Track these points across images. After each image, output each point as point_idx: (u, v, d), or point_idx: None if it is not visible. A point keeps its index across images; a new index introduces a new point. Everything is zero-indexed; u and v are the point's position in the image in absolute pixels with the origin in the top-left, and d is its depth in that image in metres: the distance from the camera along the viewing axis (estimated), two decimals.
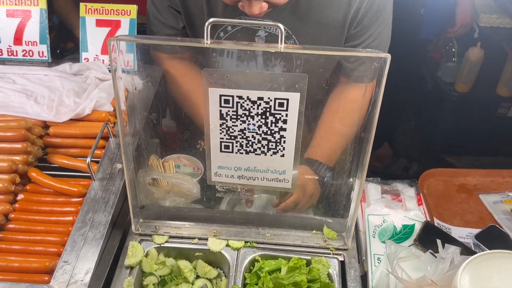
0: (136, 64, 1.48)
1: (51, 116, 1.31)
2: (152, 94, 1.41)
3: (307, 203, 1.33)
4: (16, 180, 1.20)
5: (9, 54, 1.51)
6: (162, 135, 1.47)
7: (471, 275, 0.63)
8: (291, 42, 1.35)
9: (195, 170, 1.51)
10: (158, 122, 1.37)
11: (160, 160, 1.47)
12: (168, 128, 1.48)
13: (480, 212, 1.52)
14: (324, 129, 1.33)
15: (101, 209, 1.14)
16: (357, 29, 1.35)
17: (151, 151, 1.47)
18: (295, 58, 1.32)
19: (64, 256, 1.03)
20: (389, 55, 0.92)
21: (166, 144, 1.49)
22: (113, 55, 0.98)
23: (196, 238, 1.23)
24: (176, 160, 1.54)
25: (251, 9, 1.07)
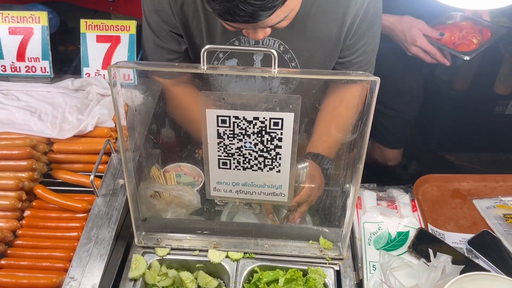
0: (136, 78, 1.51)
1: (54, 133, 1.35)
2: (152, 108, 1.45)
3: (316, 194, 1.37)
4: (23, 197, 1.24)
5: (12, 71, 1.56)
6: (162, 145, 1.51)
7: None
8: (289, 56, 1.39)
9: (195, 179, 1.55)
10: (158, 133, 1.40)
11: (161, 171, 1.51)
12: (168, 139, 1.51)
13: (473, 217, 1.56)
14: (324, 124, 1.36)
15: (105, 225, 1.19)
16: (352, 40, 1.38)
17: (152, 162, 1.51)
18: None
19: (70, 273, 1.08)
20: (378, 78, 0.95)
21: (166, 154, 1.53)
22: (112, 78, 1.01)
23: (197, 250, 1.28)
24: (176, 169, 1.58)
25: (256, 36, 1.11)
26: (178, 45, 1.42)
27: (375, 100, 0.99)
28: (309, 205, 1.34)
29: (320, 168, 1.36)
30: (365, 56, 1.41)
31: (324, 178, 1.36)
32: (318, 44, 1.37)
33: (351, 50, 1.40)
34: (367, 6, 1.31)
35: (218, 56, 1.38)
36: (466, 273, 0.69)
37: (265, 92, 1.40)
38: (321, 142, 1.38)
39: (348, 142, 1.16)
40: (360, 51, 1.40)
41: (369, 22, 1.36)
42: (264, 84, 1.37)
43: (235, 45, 1.31)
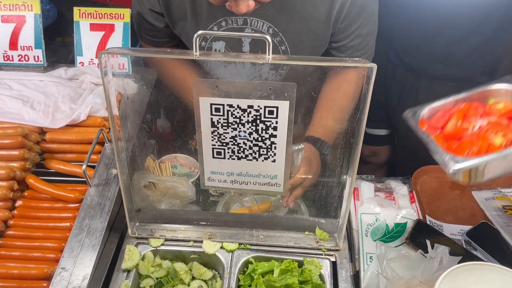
0: (130, 67, 1.49)
1: (47, 122, 1.33)
2: (147, 97, 1.43)
3: (312, 178, 1.35)
4: (14, 187, 1.23)
5: (5, 59, 1.53)
6: (158, 136, 1.49)
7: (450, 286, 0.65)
8: (278, 39, 1.36)
9: (191, 170, 1.53)
10: (153, 123, 1.38)
11: (157, 161, 1.50)
12: (163, 129, 1.49)
13: (472, 209, 1.54)
14: (324, 109, 1.34)
15: (97, 215, 1.17)
16: (344, 23, 1.36)
17: (147, 153, 1.49)
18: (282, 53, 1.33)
19: (61, 263, 1.07)
20: (375, 65, 0.93)
21: (161, 144, 1.51)
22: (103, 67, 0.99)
23: (191, 241, 1.26)
24: (172, 160, 1.56)
25: (238, 8, 1.08)
26: (157, 22, 1.42)
27: (371, 87, 0.96)
28: (304, 190, 1.31)
29: (318, 154, 1.34)
30: (360, 39, 1.39)
31: (323, 165, 1.34)
32: (307, 26, 1.34)
33: (344, 33, 1.37)
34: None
35: (205, 37, 1.36)
36: (461, 263, 0.68)
37: (255, 78, 1.37)
38: (321, 126, 1.36)
39: (345, 131, 1.14)
40: (354, 35, 1.37)
41: (361, 4, 1.33)
42: (253, 70, 1.35)
43: (222, 25, 1.28)
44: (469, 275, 0.66)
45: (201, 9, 1.31)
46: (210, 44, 1.39)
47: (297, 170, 1.28)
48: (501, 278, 0.65)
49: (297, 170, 1.28)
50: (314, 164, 1.34)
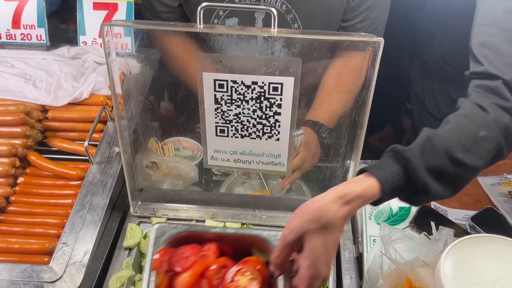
0: (134, 47, 1.48)
1: (49, 100, 1.32)
2: (150, 77, 1.41)
3: (311, 162, 1.34)
4: (16, 164, 1.22)
5: (7, 38, 1.52)
6: (161, 118, 1.48)
7: (455, 258, 0.64)
8: (291, 16, 1.34)
9: (194, 153, 1.52)
10: (156, 105, 1.37)
11: (160, 143, 1.49)
12: (166, 111, 1.48)
13: (477, 194, 1.52)
14: (325, 92, 1.32)
15: (99, 192, 1.16)
16: (356, 1, 1.34)
17: (150, 134, 1.48)
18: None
19: (63, 238, 1.06)
20: (382, 39, 0.91)
21: (165, 127, 1.50)
22: (107, 40, 0.98)
23: (194, 220, 1.25)
24: (175, 143, 1.55)
25: None
26: (172, 1, 1.38)
27: (378, 63, 0.95)
28: (302, 173, 1.30)
29: (317, 136, 1.32)
30: (369, 22, 1.37)
31: (322, 147, 1.33)
32: (321, 4, 1.32)
33: (354, 13, 1.35)
34: None
35: (218, 14, 1.34)
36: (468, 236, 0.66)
37: (267, 56, 1.35)
38: (322, 110, 1.34)
39: (351, 110, 1.12)
40: (363, 16, 1.35)
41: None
42: (266, 47, 1.33)
43: (235, 2, 1.26)
44: (475, 247, 0.65)
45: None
46: (223, 21, 1.36)
47: (295, 154, 1.27)
48: (508, 250, 0.64)
49: (295, 154, 1.27)
50: (313, 148, 1.32)
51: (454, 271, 0.62)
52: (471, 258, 0.63)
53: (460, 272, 0.62)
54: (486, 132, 0.87)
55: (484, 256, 0.64)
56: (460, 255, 0.64)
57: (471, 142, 0.87)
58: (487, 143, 0.87)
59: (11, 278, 0.98)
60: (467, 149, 0.86)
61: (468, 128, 0.88)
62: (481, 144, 0.87)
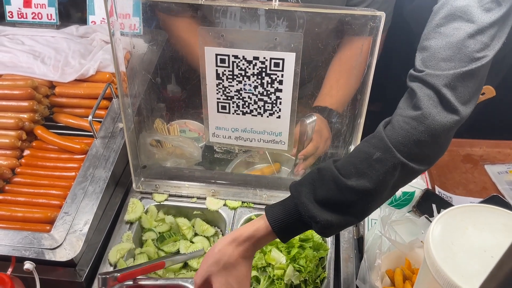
0: (142, 27, 1.49)
1: (57, 76, 1.34)
2: (157, 57, 1.42)
3: (323, 147, 1.33)
4: (23, 137, 1.24)
5: (19, 17, 1.55)
6: (168, 100, 1.49)
7: (444, 226, 0.63)
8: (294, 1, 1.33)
9: (200, 135, 1.53)
10: (163, 87, 1.38)
11: (165, 124, 1.50)
12: (173, 94, 1.49)
13: (484, 182, 1.50)
14: (334, 78, 1.32)
15: (102, 165, 1.18)
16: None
17: (156, 114, 1.49)
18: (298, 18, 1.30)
19: (64, 208, 1.08)
20: (383, 13, 0.90)
21: (172, 109, 1.51)
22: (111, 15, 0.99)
23: (195, 197, 1.26)
24: (182, 125, 1.56)
25: None
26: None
27: (379, 38, 0.94)
28: (316, 159, 1.30)
29: (327, 122, 1.32)
30: (376, 5, 1.35)
31: (332, 131, 1.32)
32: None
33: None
34: None
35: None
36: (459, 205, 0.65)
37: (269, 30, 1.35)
38: (330, 96, 1.34)
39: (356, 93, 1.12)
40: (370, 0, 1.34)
41: None
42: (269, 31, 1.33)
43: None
44: (466, 216, 0.64)
45: None
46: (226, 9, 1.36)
47: (309, 141, 1.27)
48: (501, 220, 0.63)
49: (309, 141, 1.27)
50: (325, 133, 1.32)
51: (443, 238, 0.61)
52: (461, 227, 0.63)
53: (450, 239, 0.62)
54: (380, 153, 0.81)
55: (474, 225, 0.63)
56: (450, 223, 0.64)
57: (365, 165, 0.82)
58: (381, 165, 0.81)
59: (13, 244, 1.00)
60: (361, 174, 0.82)
61: (364, 151, 0.85)
62: (375, 167, 0.82)
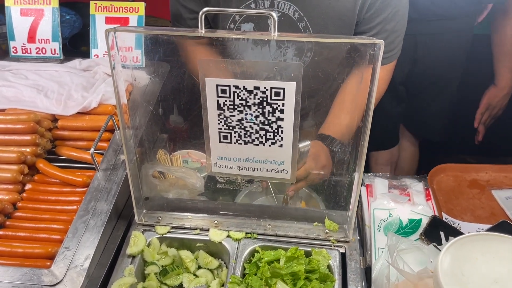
0: (144, 59, 1.51)
1: (59, 109, 1.35)
2: (159, 89, 1.44)
3: (319, 174, 1.33)
4: (25, 171, 1.24)
5: (23, 52, 1.57)
6: (170, 131, 1.49)
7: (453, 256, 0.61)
8: (303, 24, 1.35)
9: (203, 165, 1.52)
10: (165, 118, 1.38)
11: (168, 155, 1.49)
12: (176, 124, 1.49)
13: (492, 208, 1.48)
14: (338, 107, 1.32)
15: (104, 198, 1.17)
16: (369, 12, 1.35)
17: (159, 145, 1.49)
18: (306, 42, 1.32)
19: (65, 243, 1.06)
20: (382, 41, 0.91)
21: (175, 140, 1.51)
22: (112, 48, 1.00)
23: (198, 229, 1.24)
24: (184, 155, 1.56)
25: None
26: (197, 6, 1.42)
27: (378, 66, 0.94)
28: (308, 183, 1.29)
29: (328, 150, 1.31)
30: (385, 34, 1.37)
31: (334, 160, 1.31)
32: (333, 12, 1.33)
33: (369, 24, 1.36)
34: None
35: (234, 19, 1.36)
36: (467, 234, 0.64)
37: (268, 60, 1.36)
38: (334, 125, 1.34)
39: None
40: (379, 28, 1.35)
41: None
42: (278, 53, 1.34)
43: (251, 7, 1.28)
44: (475, 245, 0.62)
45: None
46: (239, 25, 1.38)
47: (302, 164, 1.26)
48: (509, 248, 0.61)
49: (302, 163, 1.26)
50: (322, 160, 1.31)
51: (452, 268, 0.59)
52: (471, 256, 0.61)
53: (459, 270, 0.59)
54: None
55: (484, 255, 0.61)
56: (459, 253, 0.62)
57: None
58: None
59: (13, 281, 0.98)
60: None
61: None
62: None
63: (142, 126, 1.28)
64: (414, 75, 2.09)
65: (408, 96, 2.21)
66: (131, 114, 1.19)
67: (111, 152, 1.29)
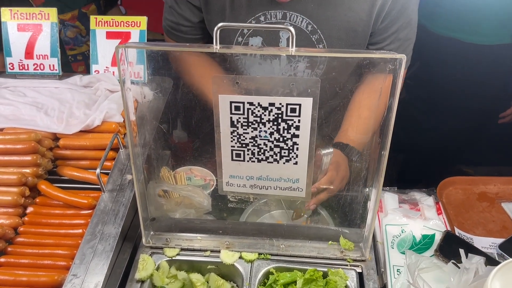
0: (146, 75, 1.47)
1: (61, 128, 1.30)
2: (162, 105, 1.40)
3: (339, 185, 1.28)
4: (26, 193, 1.18)
5: (20, 68, 1.52)
6: (173, 146, 1.45)
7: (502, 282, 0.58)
8: (316, 37, 1.33)
9: (206, 182, 1.48)
10: (169, 133, 1.34)
11: (172, 172, 1.45)
12: (179, 139, 1.46)
13: (503, 221, 1.46)
14: (354, 115, 1.29)
15: (111, 221, 1.12)
16: (384, 23, 1.33)
17: (162, 162, 1.44)
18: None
19: (73, 270, 1.01)
20: (404, 56, 0.88)
21: (177, 155, 1.47)
22: (121, 64, 0.97)
23: (208, 251, 1.20)
24: (187, 172, 1.52)
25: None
26: (192, 16, 1.40)
27: (400, 80, 0.92)
28: (329, 195, 1.25)
29: (347, 159, 1.28)
30: (398, 43, 1.35)
31: (352, 171, 1.28)
32: (347, 23, 1.31)
33: (383, 35, 1.34)
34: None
35: (242, 32, 1.33)
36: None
37: (285, 76, 1.33)
38: (351, 132, 1.30)
39: (373, 134, 1.08)
40: (393, 37, 1.34)
41: (402, 4, 1.30)
42: (288, 68, 1.31)
43: (261, 20, 1.25)
44: None
45: (240, 3, 1.29)
46: (247, 39, 1.35)
47: (323, 174, 1.22)
48: None
49: (323, 173, 1.22)
50: (342, 170, 1.27)
51: None
52: None
53: None
54: None
55: None
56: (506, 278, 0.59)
57: None
58: None
59: None
60: None
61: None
62: None
63: (149, 144, 1.23)
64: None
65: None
66: (138, 131, 1.15)
67: (116, 171, 1.25)
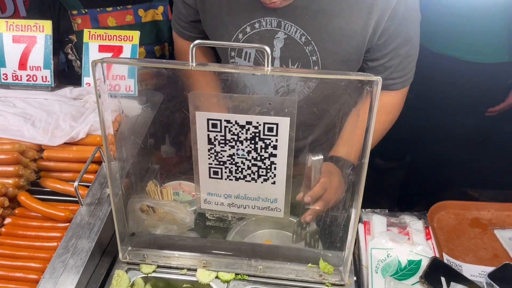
0: (137, 89, 1.48)
1: (46, 139, 1.30)
2: (150, 119, 1.40)
3: (334, 195, 1.24)
4: (5, 204, 1.18)
5: (13, 79, 1.54)
6: (162, 161, 1.44)
7: None
8: (310, 49, 1.32)
9: (194, 198, 1.47)
10: (156, 148, 1.34)
11: (159, 187, 1.44)
12: (167, 155, 1.45)
13: (494, 249, 1.41)
14: (350, 130, 1.27)
15: (85, 235, 1.10)
16: (382, 39, 1.31)
17: (150, 177, 1.44)
18: (313, 64, 1.28)
19: (41, 284, 0.99)
20: (380, 78, 0.87)
21: (166, 170, 1.46)
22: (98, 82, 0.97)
23: (185, 269, 1.18)
24: (176, 187, 1.51)
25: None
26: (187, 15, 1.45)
27: (376, 103, 0.90)
28: (326, 207, 1.21)
29: (340, 171, 1.26)
30: (398, 59, 1.33)
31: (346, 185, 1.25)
32: (341, 36, 1.30)
33: (383, 51, 1.32)
34: (397, 2, 1.24)
35: (237, 38, 1.34)
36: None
37: (283, 88, 1.32)
38: (345, 147, 1.29)
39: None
40: (392, 54, 1.32)
41: (400, 20, 1.28)
42: (282, 79, 1.30)
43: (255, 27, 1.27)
44: None
45: (237, 8, 1.30)
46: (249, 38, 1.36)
47: (316, 181, 1.19)
48: None
49: (316, 181, 1.19)
50: (335, 179, 1.24)
51: None
52: None
53: None
54: None
55: None
56: None
57: None
58: None
59: None
60: None
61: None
62: None
63: (130, 158, 1.23)
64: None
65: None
66: (119, 145, 1.15)
67: (96, 185, 1.24)
